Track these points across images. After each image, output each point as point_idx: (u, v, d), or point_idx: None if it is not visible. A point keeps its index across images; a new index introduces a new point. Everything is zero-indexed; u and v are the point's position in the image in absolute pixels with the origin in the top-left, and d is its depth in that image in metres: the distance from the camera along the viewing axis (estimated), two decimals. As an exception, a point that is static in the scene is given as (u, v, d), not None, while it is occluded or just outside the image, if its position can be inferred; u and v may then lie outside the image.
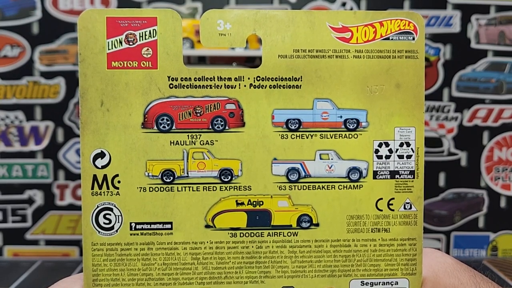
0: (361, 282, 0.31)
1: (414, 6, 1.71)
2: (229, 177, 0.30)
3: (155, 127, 0.30)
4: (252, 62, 1.49)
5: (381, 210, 0.31)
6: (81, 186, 0.30)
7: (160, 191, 0.30)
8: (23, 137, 1.63)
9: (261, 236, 0.31)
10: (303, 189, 0.31)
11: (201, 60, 1.55)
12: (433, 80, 1.72)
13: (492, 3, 1.69)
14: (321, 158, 0.31)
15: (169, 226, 0.30)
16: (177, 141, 0.30)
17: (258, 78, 0.30)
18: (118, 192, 0.30)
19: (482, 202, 1.78)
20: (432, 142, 1.74)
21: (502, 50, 1.73)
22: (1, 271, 1.51)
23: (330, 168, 0.31)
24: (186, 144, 0.30)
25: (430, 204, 1.77)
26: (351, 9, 1.69)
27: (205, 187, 0.30)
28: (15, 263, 1.57)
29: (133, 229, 0.30)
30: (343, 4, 1.69)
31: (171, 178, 0.30)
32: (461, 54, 1.73)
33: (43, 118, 1.66)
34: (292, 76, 0.30)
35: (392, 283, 0.31)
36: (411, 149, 0.31)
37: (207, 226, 0.30)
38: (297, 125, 0.31)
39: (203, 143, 0.30)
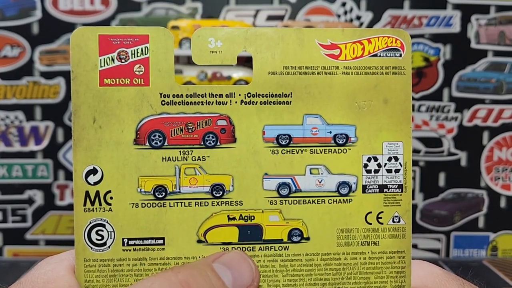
0: None
1: (414, 6, 1.71)
2: (221, 193, 0.31)
3: (147, 144, 0.30)
4: (251, 61, 1.50)
5: (370, 224, 0.32)
6: (73, 203, 0.30)
7: (153, 206, 0.30)
8: (23, 137, 1.64)
9: (253, 251, 0.31)
10: (294, 203, 0.31)
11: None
12: (433, 80, 1.72)
13: (492, 3, 1.69)
14: (311, 173, 0.31)
15: (161, 241, 0.30)
16: (169, 157, 0.30)
17: (249, 95, 0.31)
18: (110, 208, 0.30)
19: (482, 202, 1.79)
20: (432, 142, 1.75)
21: (502, 50, 1.73)
22: (1, 271, 1.51)
23: (320, 182, 0.31)
24: (178, 160, 0.31)
25: (430, 204, 1.78)
26: (351, 9, 1.69)
27: (197, 203, 0.31)
28: (15, 263, 1.58)
29: (125, 245, 0.30)
30: (343, 4, 1.69)
31: (163, 194, 0.30)
32: (461, 54, 1.73)
33: (43, 118, 1.66)
34: (282, 93, 0.31)
35: None
36: (399, 163, 0.32)
37: (199, 241, 0.31)
38: (287, 141, 0.31)
39: (195, 159, 0.31)
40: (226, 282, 0.27)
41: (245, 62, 1.50)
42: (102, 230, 0.30)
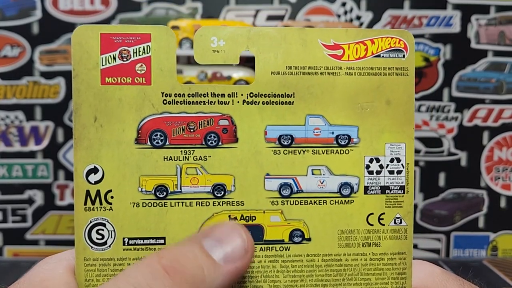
0: None
1: (414, 6, 1.71)
2: (222, 193, 0.31)
3: (148, 143, 0.30)
4: (252, 61, 1.50)
5: (372, 225, 0.31)
6: (74, 202, 0.30)
7: (153, 206, 0.30)
8: (23, 137, 1.64)
9: (254, 251, 0.31)
10: (295, 204, 0.31)
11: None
12: (433, 80, 1.72)
13: (492, 3, 1.69)
14: (313, 174, 0.31)
15: (162, 241, 0.30)
16: (170, 156, 0.30)
17: (251, 95, 0.30)
18: (111, 207, 0.30)
19: (482, 202, 1.79)
20: (432, 142, 1.75)
21: (502, 50, 1.73)
22: (1, 271, 1.51)
23: (322, 183, 0.31)
24: (179, 160, 0.30)
25: (430, 204, 1.78)
26: (351, 9, 1.69)
27: (198, 202, 0.31)
28: (15, 263, 1.58)
29: (126, 244, 0.30)
30: (343, 4, 1.69)
31: (164, 193, 0.30)
32: (461, 54, 1.73)
33: (43, 118, 1.66)
34: (285, 93, 0.31)
35: None
36: (402, 164, 0.32)
37: None
38: (289, 141, 0.31)
39: (196, 159, 0.30)
40: (216, 259, 0.25)
41: (246, 62, 1.50)
42: (103, 230, 0.30)
